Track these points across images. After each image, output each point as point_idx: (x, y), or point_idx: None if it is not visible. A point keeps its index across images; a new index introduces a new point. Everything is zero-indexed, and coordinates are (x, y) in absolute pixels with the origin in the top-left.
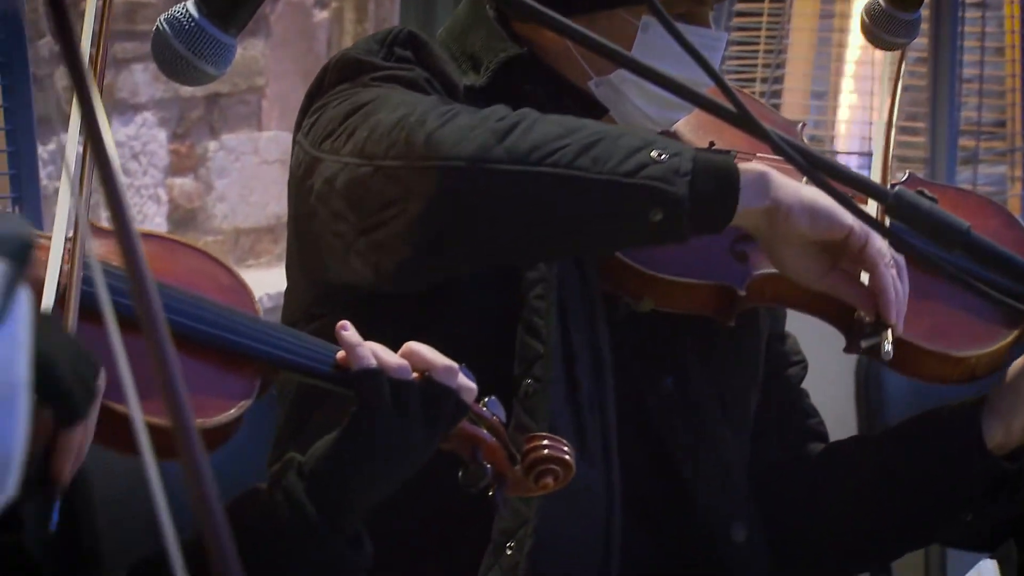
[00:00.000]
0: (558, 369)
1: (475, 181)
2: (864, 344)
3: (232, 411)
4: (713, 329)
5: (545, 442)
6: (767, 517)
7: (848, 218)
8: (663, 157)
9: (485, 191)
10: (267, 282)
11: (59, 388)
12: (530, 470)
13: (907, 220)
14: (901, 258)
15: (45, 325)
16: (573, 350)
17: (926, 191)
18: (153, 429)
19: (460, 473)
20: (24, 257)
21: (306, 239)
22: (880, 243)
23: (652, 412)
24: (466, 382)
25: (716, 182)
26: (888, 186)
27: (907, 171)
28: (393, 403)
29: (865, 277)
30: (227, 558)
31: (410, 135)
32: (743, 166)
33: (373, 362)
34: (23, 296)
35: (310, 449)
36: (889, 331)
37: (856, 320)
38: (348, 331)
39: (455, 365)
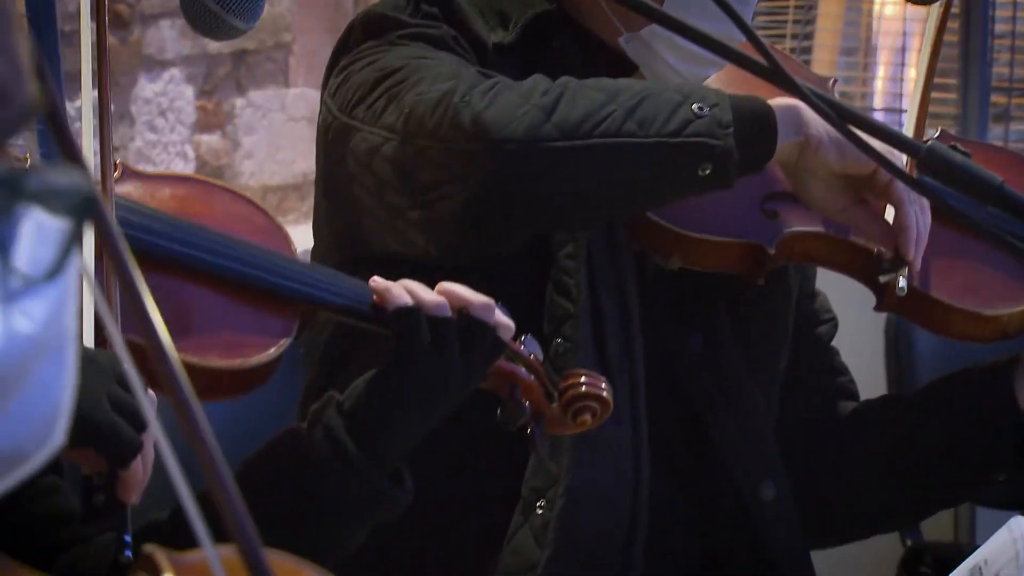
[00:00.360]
0: (587, 328)
1: (529, 161)
2: (882, 279)
3: (272, 350)
4: (742, 288)
5: (583, 379)
6: (796, 476)
7: None
8: (704, 110)
9: (539, 170)
10: (294, 239)
11: (100, 434)
12: (568, 407)
13: (940, 174)
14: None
15: (83, 369)
16: (602, 310)
17: (959, 146)
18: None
19: (498, 411)
20: (86, 214)
21: (337, 201)
22: None
23: (680, 371)
24: (503, 319)
25: (756, 126)
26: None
27: (939, 128)
28: (431, 340)
29: (888, 214)
30: (234, 504)
31: (456, 115)
32: (773, 102)
33: (410, 300)
34: (74, 253)
35: (349, 387)
36: (907, 268)
37: (876, 255)
38: (378, 281)
39: (492, 302)
